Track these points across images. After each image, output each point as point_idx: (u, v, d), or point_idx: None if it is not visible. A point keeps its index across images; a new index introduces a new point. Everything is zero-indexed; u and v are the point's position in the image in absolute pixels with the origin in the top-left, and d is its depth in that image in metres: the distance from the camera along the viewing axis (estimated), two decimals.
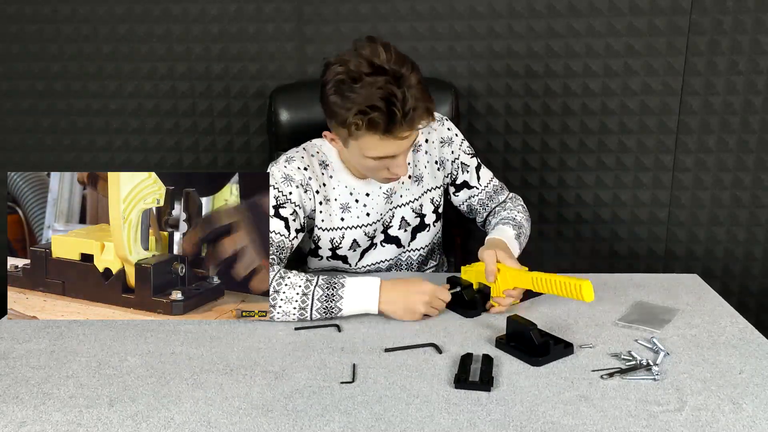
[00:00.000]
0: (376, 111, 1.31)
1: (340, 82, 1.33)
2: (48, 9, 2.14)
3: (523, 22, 2.09)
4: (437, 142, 1.62)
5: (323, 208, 1.54)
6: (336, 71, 1.34)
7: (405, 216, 1.61)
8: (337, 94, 1.34)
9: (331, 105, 1.36)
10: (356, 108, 1.31)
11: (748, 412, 1.05)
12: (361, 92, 1.31)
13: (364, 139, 1.37)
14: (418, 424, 1.02)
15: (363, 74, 1.31)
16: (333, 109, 1.36)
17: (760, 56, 2.06)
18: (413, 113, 1.33)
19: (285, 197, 1.47)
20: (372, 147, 1.38)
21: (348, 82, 1.32)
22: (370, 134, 1.35)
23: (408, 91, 1.32)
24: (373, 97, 1.30)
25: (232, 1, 2.11)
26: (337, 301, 1.34)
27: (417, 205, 1.61)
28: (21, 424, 1.04)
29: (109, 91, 2.20)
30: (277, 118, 1.81)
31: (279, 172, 1.49)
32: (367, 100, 1.31)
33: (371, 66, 1.32)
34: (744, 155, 2.15)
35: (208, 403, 1.09)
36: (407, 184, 1.60)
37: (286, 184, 1.47)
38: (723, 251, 2.24)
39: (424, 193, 1.62)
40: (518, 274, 1.36)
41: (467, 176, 1.64)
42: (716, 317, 1.37)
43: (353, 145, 1.40)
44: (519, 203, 1.67)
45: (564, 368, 1.18)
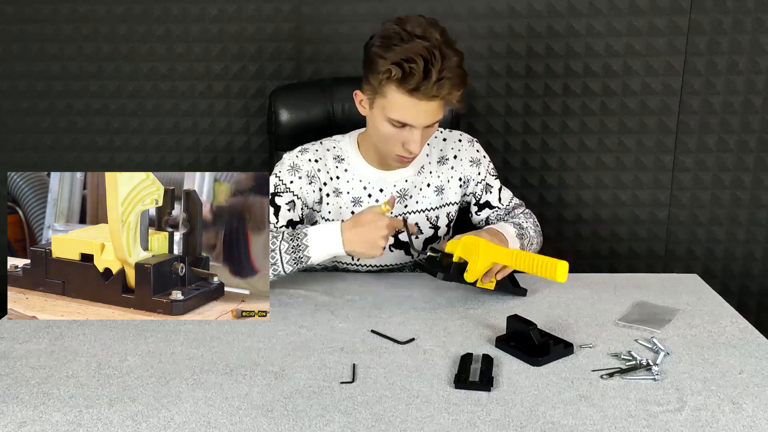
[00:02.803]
0: (413, 63, 1.36)
1: (388, 37, 1.39)
2: (48, 9, 2.14)
3: (523, 22, 2.09)
4: (466, 161, 1.65)
5: (331, 200, 1.57)
6: (389, 26, 1.41)
7: (419, 223, 1.62)
8: (382, 47, 1.39)
9: (372, 55, 1.41)
10: (397, 57, 1.37)
11: (748, 412, 1.05)
12: (405, 47, 1.37)
13: (391, 95, 1.40)
14: (418, 424, 1.02)
15: (414, 35, 1.37)
16: (372, 59, 1.41)
17: (759, 56, 2.06)
18: (446, 80, 1.38)
19: (284, 186, 1.53)
20: (397, 106, 1.41)
21: (396, 38, 1.38)
22: (399, 89, 1.39)
23: (447, 61, 1.37)
24: (415, 52, 1.36)
25: (232, 1, 2.11)
26: (303, 250, 1.42)
27: (434, 216, 1.63)
28: (21, 424, 1.04)
29: (109, 91, 2.20)
30: (277, 118, 1.81)
31: (289, 160, 1.56)
32: (408, 53, 1.36)
33: (424, 32, 1.38)
34: (744, 155, 2.15)
35: (208, 403, 1.09)
36: (425, 191, 1.62)
37: (290, 173, 1.54)
38: (723, 251, 2.24)
39: (443, 206, 1.64)
40: (498, 249, 1.39)
41: (490, 197, 1.68)
42: (716, 317, 1.37)
43: (379, 104, 1.44)
44: (531, 218, 1.70)
45: (564, 368, 1.18)
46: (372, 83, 1.42)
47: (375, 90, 1.43)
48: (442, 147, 1.64)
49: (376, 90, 1.42)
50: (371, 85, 1.43)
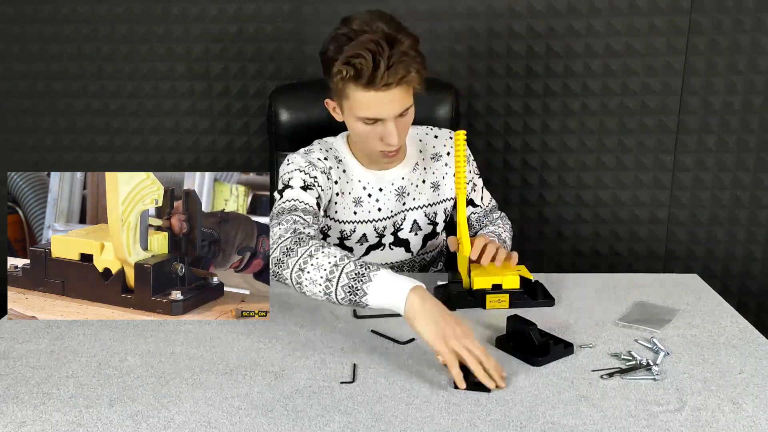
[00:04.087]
0: (361, 58, 1.34)
1: (337, 39, 1.38)
2: (48, 9, 2.14)
3: (523, 22, 2.09)
4: None
5: (338, 199, 1.57)
6: (338, 29, 1.39)
7: (417, 219, 1.63)
8: (335, 50, 1.38)
9: (326, 60, 1.41)
10: (345, 56, 1.35)
11: (748, 412, 1.05)
12: (352, 45, 1.35)
13: (353, 95, 1.39)
14: (418, 424, 1.02)
15: (360, 32, 1.36)
16: (328, 64, 1.40)
17: (759, 56, 2.06)
18: (396, 65, 1.35)
19: (312, 180, 1.49)
20: (360, 103, 1.40)
21: (344, 39, 1.37)
22: (356, 86, 1.38)
23: (396, 47, 1.35)
24: (362, 47, 1.34)
25: (232, 1, 2.11)
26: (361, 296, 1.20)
27: (431, 212, 1.64)
28: (21, 424, 1.04)
29: (109, 91, 2.20)
30: (277, 118, 1.81)
31: (302, 158, 1.52)
32: (354, 49, 1.34)
33: (369, 26, 1.36)
34: (744, 155, 2.15)
35: (208, 403, 1.09)
36: (421, 188, 1.62)
37: (311, 168, 1.50)
38: (723, 251, 2.24)
39: (439, 202, 1.65)
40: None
41: (474, 195, 1.70)
42: (716, 317, 1.37)
43: (346, 106, 1.43)
44: (507, 222, 1.75)
45: (564, 368, 1.18)
46: (334, 88, 1.42)
47: (338, 94, 1.42)
48: (435, 144, 1.64)
49: (339, 94, 1.42)
50: (334, 90, 1.43)
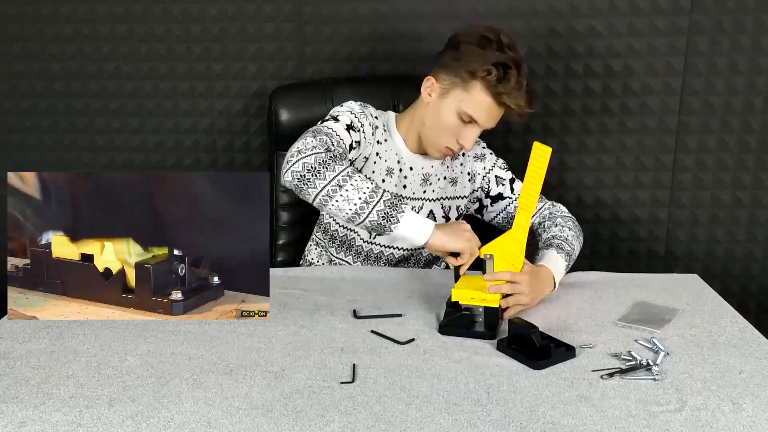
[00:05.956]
0: (511, 69, 1.42)
1: (485, 38, 1.45)
2: (48, 9, 2.14)
3: (523, 22, 2.09)
4: (471, 157, 1.70)
5: (376, 159, 1.59)
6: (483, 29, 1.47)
7: (434, 210, 1.66)
8: (479, 46, 1.44)
9: (464, 50, 1.46)
10: (498, 60, 1.43)
11: (748, 412, 1.05)
12: (503, 54, 1.45)
13: (475, 92, 1.46)
14: (418, 424, 1.02)
15: (507, 46, 1.46)
16: (466, 54, 1.45)
17: (760, 56, 2.06)
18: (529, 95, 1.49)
19: (360, 125, 1.52)
20: (474, 103, 1.46)
21: (492, 42, 1.44)
22: (488, 89, 1.44)
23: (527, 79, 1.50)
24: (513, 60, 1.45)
25: (232, 1, 2.11)
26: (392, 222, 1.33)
27: (447, 206, 1.67)
28: (21, 424, 1.04)
29: (109, 91, 2.20)
30: (277, 118, 1.81)
31: (358, 106, 1.56)
32: (506, 59, 1.44)
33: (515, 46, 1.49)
34: (744, 155, 2.15)
35: (208, 403, 1.09)
36: (441, 182, 1.66)
37: (363, 116, 1.54)
38: (723, 251, 2.24)
39: (455, 198, 1.69)
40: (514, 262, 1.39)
41: (502, 188, 1.70)
42: (716, 317, 1.37)
43: (455, 95, 1.48)
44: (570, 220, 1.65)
45: (564, 368, 1.18)
46: (458, 74, 1.46)
47: (457, 82, 1.47)
48: None
49: (458, 83, 1.46)
50: (454, 77, 1.47)
